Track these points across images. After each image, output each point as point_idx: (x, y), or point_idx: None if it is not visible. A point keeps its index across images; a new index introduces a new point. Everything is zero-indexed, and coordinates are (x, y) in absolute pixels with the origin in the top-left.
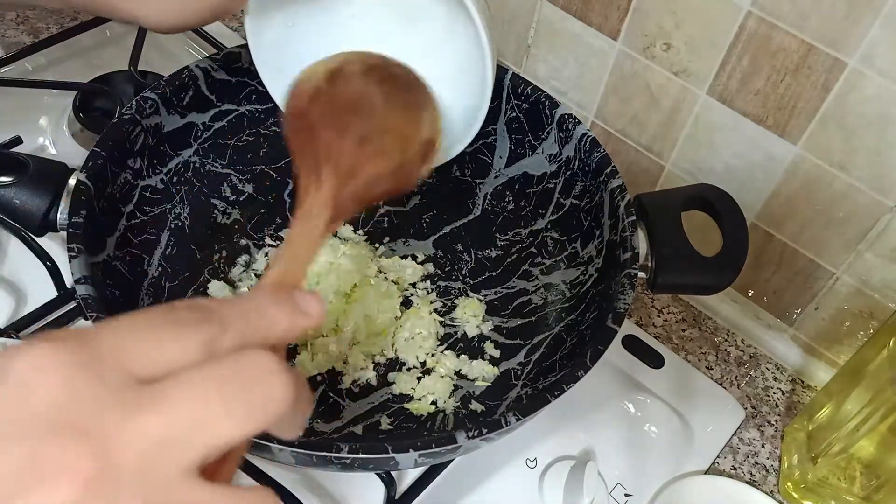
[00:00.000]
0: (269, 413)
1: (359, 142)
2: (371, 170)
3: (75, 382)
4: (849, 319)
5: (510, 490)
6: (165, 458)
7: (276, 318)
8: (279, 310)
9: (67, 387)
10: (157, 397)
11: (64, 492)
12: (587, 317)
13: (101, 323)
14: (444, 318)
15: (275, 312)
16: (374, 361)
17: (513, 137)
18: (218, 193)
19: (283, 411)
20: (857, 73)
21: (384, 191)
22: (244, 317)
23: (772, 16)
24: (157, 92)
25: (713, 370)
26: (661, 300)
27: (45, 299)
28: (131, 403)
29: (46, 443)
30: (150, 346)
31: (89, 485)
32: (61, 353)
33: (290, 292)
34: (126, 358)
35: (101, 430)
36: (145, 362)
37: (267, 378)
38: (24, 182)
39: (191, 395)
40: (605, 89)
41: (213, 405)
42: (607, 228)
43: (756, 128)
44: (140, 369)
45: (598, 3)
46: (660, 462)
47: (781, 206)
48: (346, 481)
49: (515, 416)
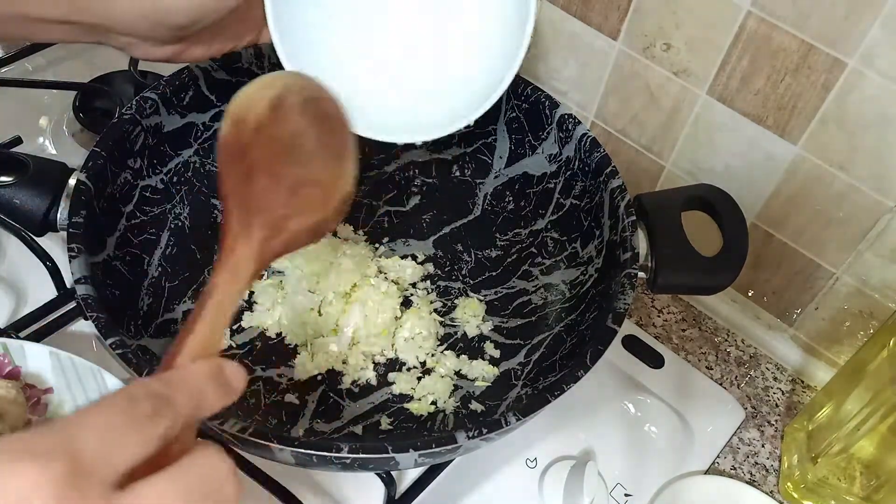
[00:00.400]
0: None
1: (290, 192)
2: (296, 225)
3: (67, 501)
4: (849, 319)
5: (510, 490)
6: None
7: (212, 399)
8: (215, 389)
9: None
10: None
11: None
12: (587, 317)
13: (74, 423)
14: (444, 318)
15: (211, 392)
16: (374, 361)
17: (513, 137)
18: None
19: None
20: (857, 73)
21: (300, 244)
22: (191, 401)
23: (772, 16)
24: (157, 92)
25: (713, 370)
26: (661, 300)
27: (45, 299)
28: None
29: None
30: (120, 450)
31: None
32: (50, 473)
33: (221, 367)
34: (102, 466)
35: None
36: (118, 465)
37: (223, 483)
38: (24, 182)
39: (162, 500)
40: (605, 89)
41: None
42: (607, 228)
43: (756, 128)
44: (114, 473)
45: (598, 4)
46: (660, 462)
47: (781, 206)
48: (346, 481)
49: (515, 416)
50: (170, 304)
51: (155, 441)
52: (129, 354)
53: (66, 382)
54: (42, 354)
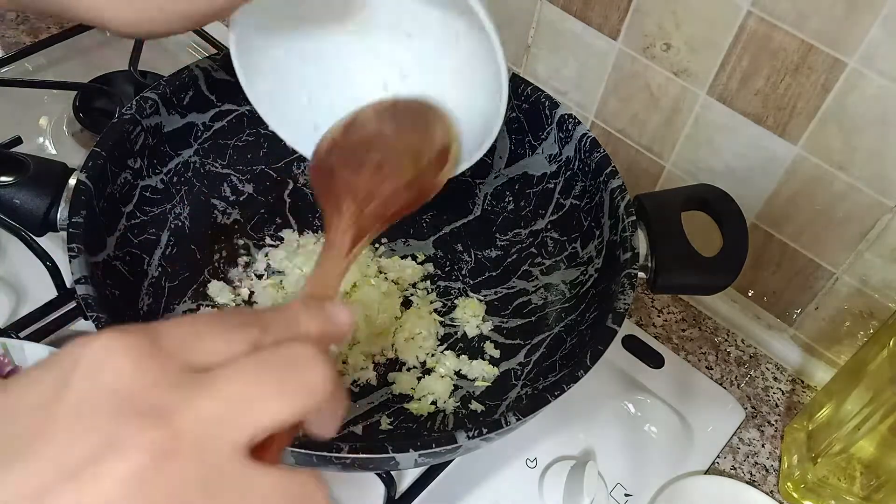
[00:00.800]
0: (313, 395)
1: (374, 170)
2: (387, 187)
3: (141, 366)
4: (849, 319)
5: (510, 490)
6: (219, 436)
7: (309, 327)
8: (312, 319)
9: (135, 370)
10: (211, 381)
11: (133, 462)
12: (587, 317)
13: (159, 322)
14: (444, 318)
15: (307, 321)
16: (374, 361)
17: (513, 137)
18: (218, 193)
19: (325, 396)
20: (857, 73)
21: (405, 203)
22: (283, 323)
23: (772, 16)
24: (157, 92)
25: (713, 370)
26: (661, 300)
27: (45, 299)
28: (189, 386)
29: (117, 418)
30: (203, 342)
31: (154, 456)
32: (129, 340)
33: (323, 304)
34: (183, 350)
35: (164, 409)
36: (200, 354)
37: (310, 364)
38: (24, 182)
39: (241, 378)
40: (605, 89)
41: (262, 386)
42: (607, 228)
43: (756, 128)
44: (195, 360)
45: (598, 3)
46: (660, 462)
47: (781, 206)
48: (346, 481)
49: (515, 416)
50: (170, 304)
51: (240, 342)
52: None
53: None
54: (42, 354)
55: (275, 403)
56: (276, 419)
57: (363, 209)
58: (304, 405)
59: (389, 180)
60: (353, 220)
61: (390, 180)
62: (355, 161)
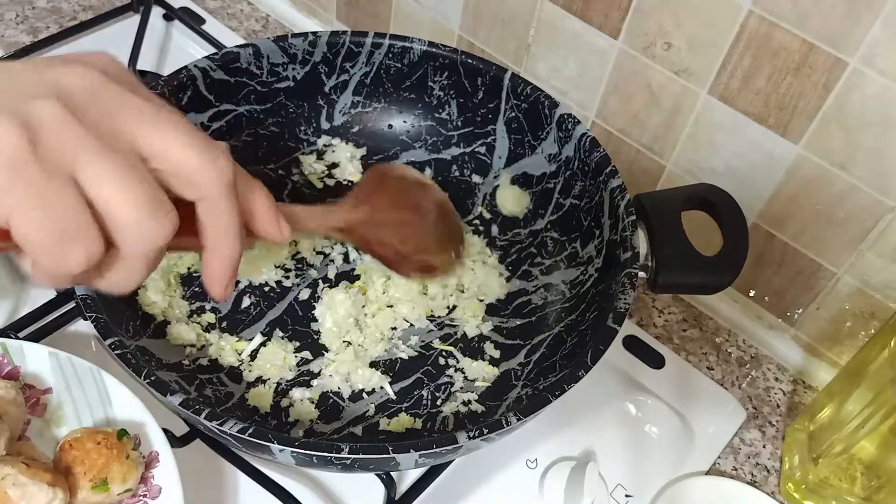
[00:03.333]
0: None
1: (397, 230)
2: (386, 238)
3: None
4: (850, 319)
5: (510, 491)
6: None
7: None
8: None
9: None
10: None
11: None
12: (587, 317)
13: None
14: (444, 318)
15: (255, 198)
16: (375, 361)
17: (512, 137)
18: None
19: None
20: (858, 72)
21: (395, 254)
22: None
23: (773, 15)
24: (156, 92)
25: (714, 370)
26: (662, 300)
27: (45, 299)
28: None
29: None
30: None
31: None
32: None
33: (260, 190)
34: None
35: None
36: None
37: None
38: None
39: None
40: (605, 89)
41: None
42: (607, 228)
43: (757, 127)
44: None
45: (598, 3)
46: (661, 462)
47: (782, 205)
48: (346, 482)
49: (516, 417)
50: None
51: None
52: (128, 355)
53: (66, 383)
54: (41, 355)
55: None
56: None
57: (365, 227)
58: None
59: (392, 240)
60: (358, 221)
61: (392, 241)
62: (406, 208)
